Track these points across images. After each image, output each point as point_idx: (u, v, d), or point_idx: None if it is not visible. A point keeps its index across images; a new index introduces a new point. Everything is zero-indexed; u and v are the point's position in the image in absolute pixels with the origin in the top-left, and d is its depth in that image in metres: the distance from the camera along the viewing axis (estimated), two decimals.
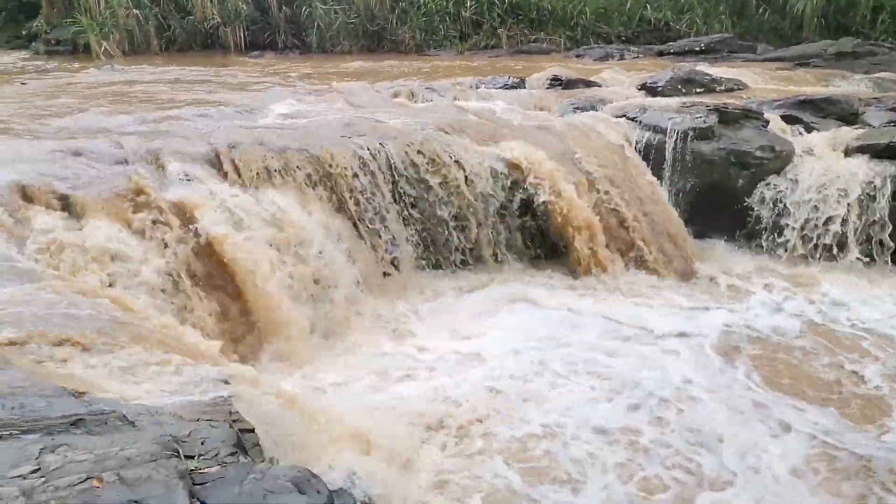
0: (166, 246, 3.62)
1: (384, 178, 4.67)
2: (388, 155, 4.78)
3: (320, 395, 2.91)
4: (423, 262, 4.85)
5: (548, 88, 7.67)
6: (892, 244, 5.08)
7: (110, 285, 3.29)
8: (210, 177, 4.19)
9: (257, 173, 4.31)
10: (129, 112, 5.87)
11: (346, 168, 4.53)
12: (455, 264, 4.96)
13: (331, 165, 4.51)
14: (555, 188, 4.99)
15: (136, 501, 1.37)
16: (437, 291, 4.59)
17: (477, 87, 7.61)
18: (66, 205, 3.67)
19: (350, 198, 4.52)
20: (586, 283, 4.81)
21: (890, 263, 5.08)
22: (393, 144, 4.86)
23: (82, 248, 3.39)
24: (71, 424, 1.85)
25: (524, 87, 7.75)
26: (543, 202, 4.99)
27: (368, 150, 4.71)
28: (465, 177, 4.92)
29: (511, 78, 7.89)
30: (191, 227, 3.74)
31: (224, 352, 3.09)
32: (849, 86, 7.43)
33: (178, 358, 2.54)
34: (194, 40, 12.93)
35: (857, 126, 5.75)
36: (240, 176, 4.27)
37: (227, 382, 2.36)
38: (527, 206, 5.07)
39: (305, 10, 12.53)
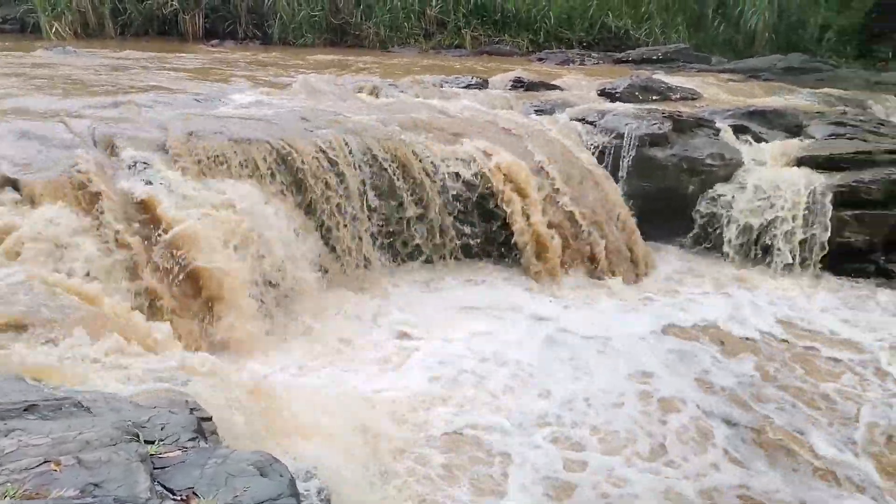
0: (118, 232, 3.55)
1: (346, 171, 4.67)
2: (350, 149, 4.79)
3: (278, 384, 2.91)
4: (385, 257, 4.87)
5: (510, 90, 7.76)
6: (827, 250, 5.32)
7: (60, 271, 3.21)
8: (166, 164, 4.12)
9: (216, 162, 4.26)
10: (81, 96, 5.69)
11: (307, 160, 4.51)
12: (416, 260, 4.99)
13: (292, 157, 4.48)
14: (515, 188, 5.09)
15: (95, 484, 1.37)
16: (397, 286, 4.62)
17: (441, 86, 7.65)
18: (14, 188, 3.58)
19: (311, 190, 4.50)
20: (542, 284, 4.90)
21: (824, 266, 5.32)
22: (356, 139, 4.87)
23: (31, 233, 3.30)
24: (24, 410, 1.82)
25: (487, 88, 7.83)
26: (503, 201, 5.07)
27: (331, 143, 4.71)
28: (428, 174, 4.96)
29: (474, 78, 7.96)
30: (145, 214, 3.68)
31: (181, 340, 3.06)
32: (795, 99, 7.75)
33: (134, 346, 2.51)
34: (151, 26, 12.60)
35: (801, 138, 6.03)
36: (197, 164, 4.21)
37: (184, 371, 2.35)
38: (487, 204, 5.14)
39: (268, 0, 12.35)
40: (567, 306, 4.62)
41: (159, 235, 3.63)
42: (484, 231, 5.19)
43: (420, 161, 4.96)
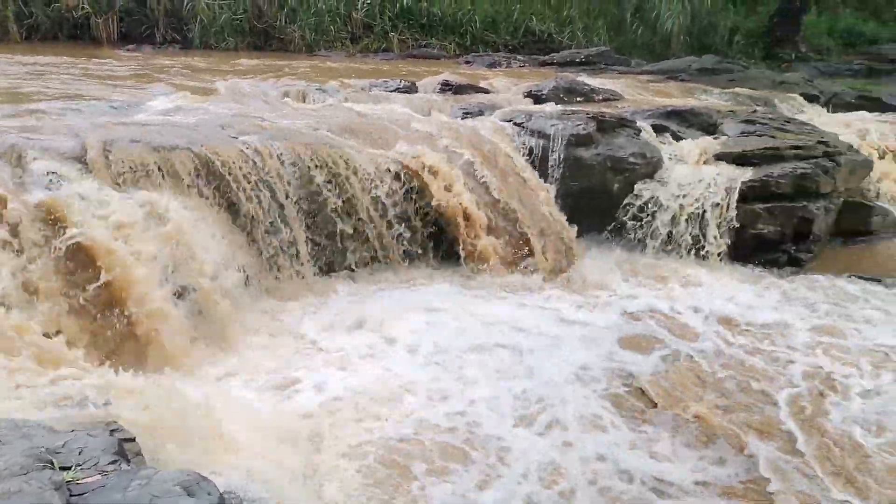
0: (27, 248, 3.35)
1: (273, 179, 4.57)
2: (277, 155, 4.69)
3: (206, 398, 2.80)
4: (316, 264, 4.79)
5: (439, 93, 7.80)
6: (742, 241, 5.61)
7: None
8: (80, 176, 3.92)
9: (134, 172, 4.09)
10: None
11: (232, 168, 4.39)
12: (349, 267, 4.94)
13: (216, 164, 4.35)
14: (447, 190, 5.12)
15: None
16: (330, 294, 4.56)
17: (369, 90, 7.61)
18: None
19: (237, 198, 4.39)
20: (477, 282, 4.95)
21: (740, 256, 5.61)
22: (283, 145, 4.77)
23: None
24: None
25: (416, 91, 7.85)
26: (437, 204, 5.10)
27: (257, 149, 4.60)
28: (359, 179, 4.92)
29: (403, 81, 7.96)
30: (56, 227, 3.49)
31: (98, 359, 2.92)
32: (710, 99, 8.14)
33: (49, 369, 2.37)
34: (60, 30, 11.94)
35: (716, 136, 6.33)
36: (114, 175, 4.03)
37: (103, 390, 2.24)
38: (421, 207, 5.15)
39: (187, 3, 11.95)
40: (503, 302, 4.68)
41: (71, 249, 3.44)
42: (418, 234, 5.19)
43: (350, 166, 4.92)
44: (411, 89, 7.83)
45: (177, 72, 8.77)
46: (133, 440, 2.01)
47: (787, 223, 5.65)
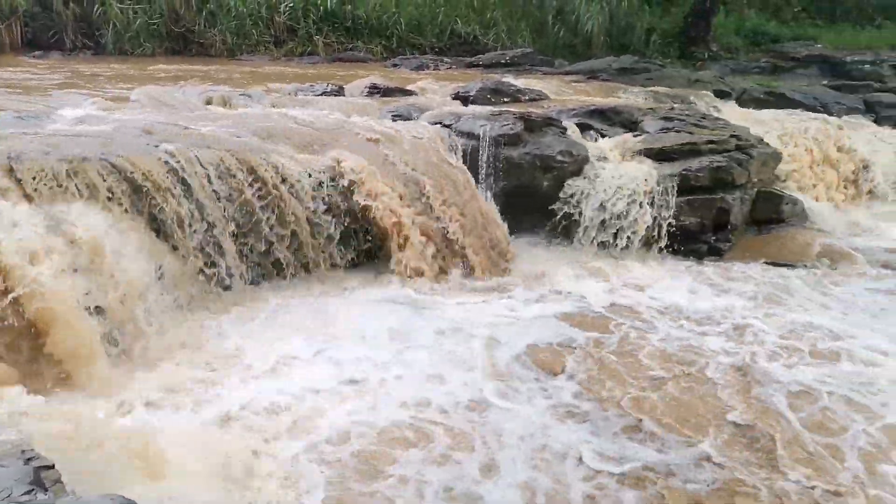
0: None
1: (197, 187, 4.42)
2: (201, 163, 4.54)
3: (131, 420, 2.68)
4: (246, 275, 4.66)
5: (367, 96, 7.76)
6: (666, 233, 5.83)
7: None
8: None
9: (47, 186, 3.87)
10: None
11: (152, 178, 4.22)
12: (280, 276, 4.84)
13: (135, 175, 4.17)
14: (378, 194, 5.08)
15: None
16: (259, 304, 4.44)
17: (295, 94, 7.48)
18: None
19: (159, 210, 4.22)
20: (411, 285, 4.94)
21: (666, 248, 5.83)
22: (207, 152, 4.62)
23: None
24: None
25: (343, 95, 7.77)
26: (367, 208, 5.05)
27: (178, 158, 4.44)
28: (288, 186, 4.82)
29: (330, 85, 7.87)
30: None
31: (12, 382, 2.74)
32: (630, 97, 8.43)
33: None
34: None
35: (637, 133, 6.56)
36: (24, 190, 3.80)
37: (18, 416, 2.10)
38: (352, 213, 5.10)
39: (98, 8, 11.40)
40: (435, 303, 4.69)
41: None
42: (351, 240, 5.14)
43: (278, 173, 4.81)
44: (339, 93, 7.76)
45: (90, 78, 8.37)
46: (52, 467, 1.89)
47: (707, 214, 5.92)
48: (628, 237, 5.79)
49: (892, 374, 3.89)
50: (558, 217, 5.94)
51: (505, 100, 7.65)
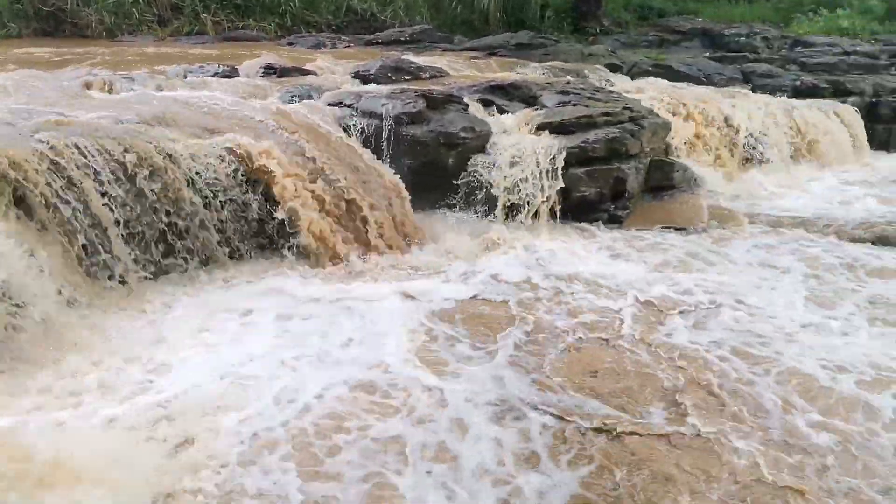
0: None
1: (80, 179, 4.11)
2: (84, 152, 4.22)
3: (22, 432, 2.48)
4: (143, 269, 4.40)
5: (262, 77, 7.49)
6: (569, 203, 6.04)
7: None
8: None
9: None
10: None
11: (28, 171, 3.88)
12: (181, 268, 4.60)
13: (7, 169, 3.82)
14: (281, 178, 4.92)
15: None
16: (158, 299, 4.22)
17: (185, 76, 7.10)
18: None
19: (40, 205, 3.89)
20: (321, 272, 4.85)
21: (569, 218, 6.04)
22: (89, 141, 4.30)
23: None
24: None
25: (237, 76, 7.46)
26: (270, 193, 4.89)
27: (57, 148, 4.10)
28: (182, 172, 4.58)
29: (222, 66, 7.52)
30: None
31: None
32: (528, 72, 8.60)
33: None
34: None
35: (536, 107, 6.71)
36: None
37: None
38: (252, 199, 4.91)
39: None
40: (342, 288, 4.62)
41: None
42: (253, 226, 4.96)
43: (171, 160, 4.55)
44: (232, 74, 7.44)
45: None
46: None
47: (605, 184, 6.17)
48: (533, 209, 5.93)
49: (781, 323, 4.23)
50: (465, 192, 6.01)
51: (406, 77, 7.60)
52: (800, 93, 9.78)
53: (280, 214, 4.89)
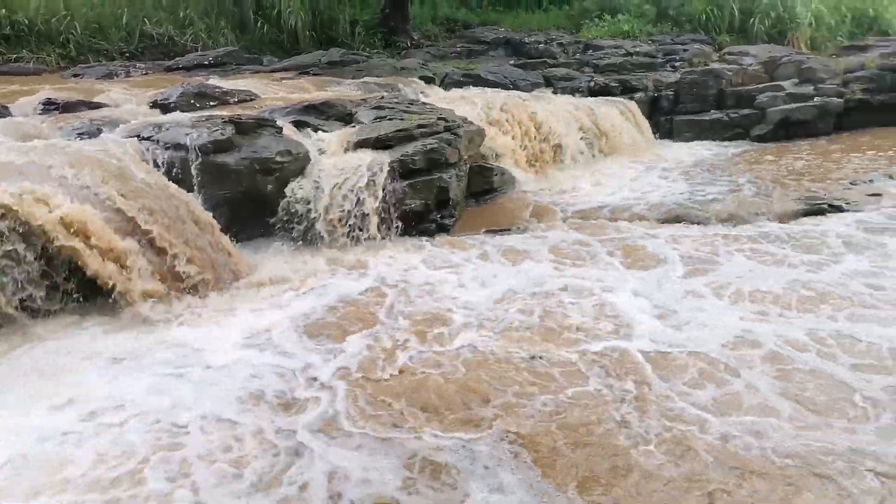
0: None
1: None
2: None
3: None
4: None
5: (42, 114, 6.67)
6: (397, 217, 6.05)
7: None
8: None
9: None
10: None
11: None
12: None
13: None
14: (73, 226, 4.38)
15: None
16: None
17: None
18: None
19: None
20: (131, 320, 4.39)
21: (400, 232, 6.05)
22: None
23: None
24: None
25: (10, 115, 6.56)
26: (64, 245, 4.33)
27: None
28: None
29: None
30: None
31: None
32: (342, 90, 8.52)
33: None
34: None
35: (352, 125, 6.64)
36: None
37: None
38: (44, 250, 4.33)
39: None
40: (153, 334, 4.24)
41: None
42: (41, 280, 4.36)
43: None
44: (3, 113, 6.54)
45: None
46: None
47: (429, 195, 6.24)
48: (360, 228, 5.85)
49: (623, 302, 4.58)
50: (288, 219, 5.77)
51: (212, 104, 7.18)
52: (594, 93, 10.68)
53: (74, 262, 4.34)
